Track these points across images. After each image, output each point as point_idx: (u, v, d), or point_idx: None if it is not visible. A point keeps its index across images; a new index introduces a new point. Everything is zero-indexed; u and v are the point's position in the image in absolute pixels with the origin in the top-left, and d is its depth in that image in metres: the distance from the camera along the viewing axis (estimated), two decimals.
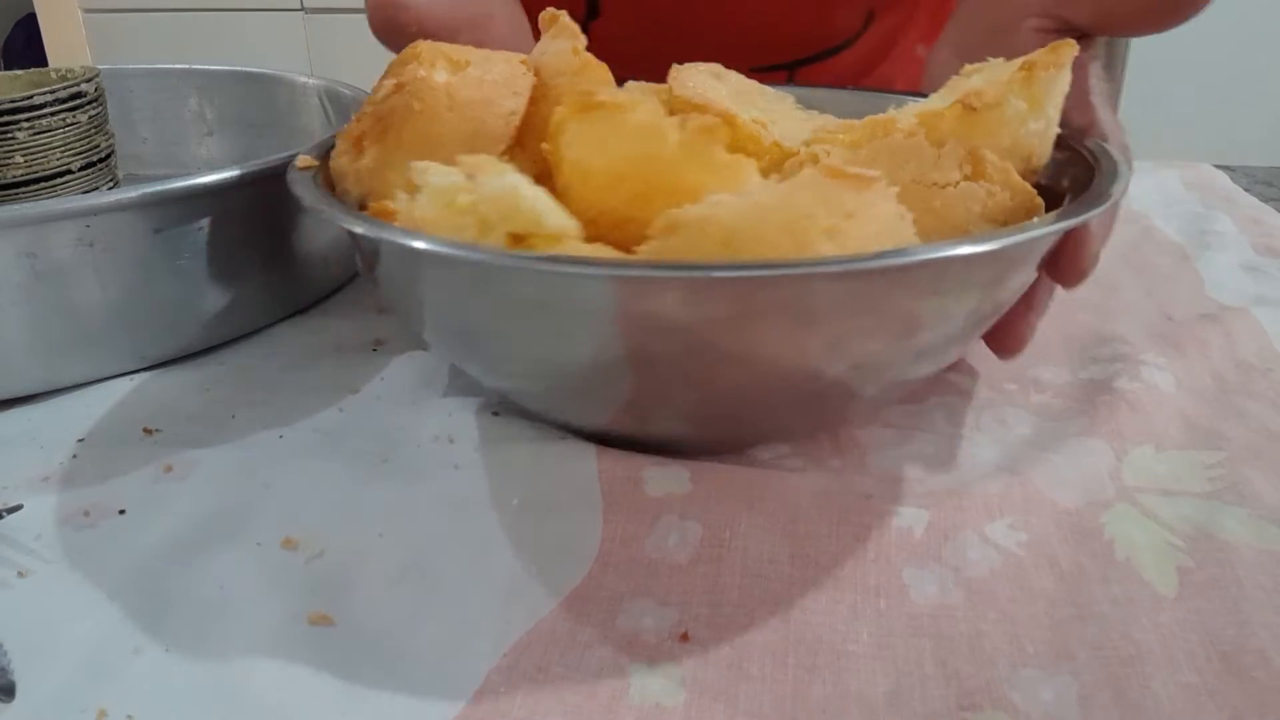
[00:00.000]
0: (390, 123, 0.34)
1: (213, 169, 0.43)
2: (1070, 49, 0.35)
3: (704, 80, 0.40)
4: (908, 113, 0.37)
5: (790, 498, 0.34)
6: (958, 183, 0.33)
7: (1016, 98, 0.35)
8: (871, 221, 0.28)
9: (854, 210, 0.28)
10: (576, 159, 0.31)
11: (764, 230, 0.27)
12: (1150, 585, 0.31)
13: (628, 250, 0.30)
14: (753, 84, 0.43)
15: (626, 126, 0.30)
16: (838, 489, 0.35)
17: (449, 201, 0.30)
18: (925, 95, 0.39)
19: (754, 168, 0.32)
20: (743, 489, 0.35)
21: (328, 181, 0.36)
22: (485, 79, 0.34)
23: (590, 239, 0.31)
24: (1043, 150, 0.36)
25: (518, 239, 0.30)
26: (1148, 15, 0.39)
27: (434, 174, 0.30)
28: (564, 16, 0.37)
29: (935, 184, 0.33)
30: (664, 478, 0.35)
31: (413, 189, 0.31)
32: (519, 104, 0.35)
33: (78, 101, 0.54)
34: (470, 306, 0.32)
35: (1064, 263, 0.35)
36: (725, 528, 0.33)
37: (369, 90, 0.58)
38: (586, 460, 0.37)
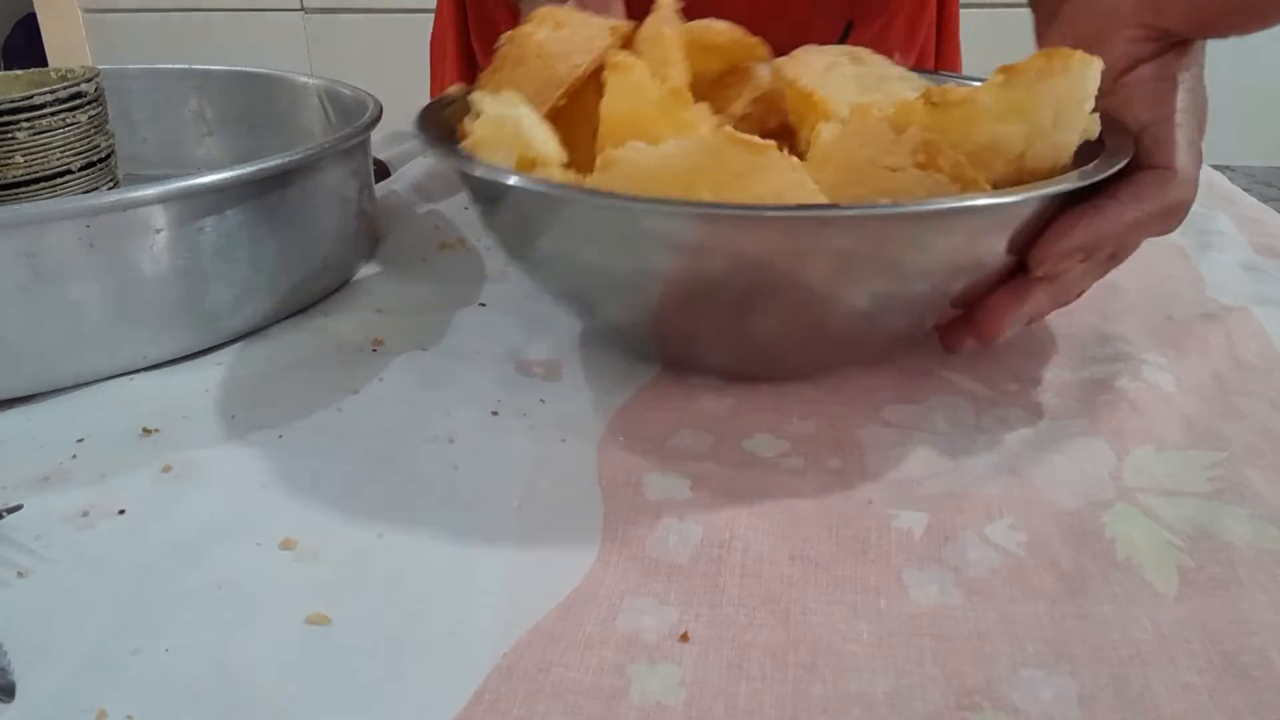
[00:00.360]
0: (499, 65, 0.43)
1: (213, 169, 0.43)
2: (1065, 57, 0.35)
3: (836, 59, 0.45)
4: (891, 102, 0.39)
5: (790, 499, 0.34)
6: (907, 169, 0.35)
7: (989, 99, 0.36)
8: (761, 183, 0.33)
9: (742, 171, 0.33)
10: (601, 108, 0.39)
11: (665, 174, 0.34)
12: (1150, 585, 0.31)
13: None
14: (898, 71, 0.46)
15: (625, 84, 0.38)
16: (837, 490, 0.35)
17: (498, 126, 0.37)
18: None
19: (708, 125, 0.39)
20: (742, 491, 0.35)
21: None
22: (572, 38, 0.42)
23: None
24: (1039, 154, 0.36)
25: (529, 163, 0.37)
26: (1245, 14, 0.37)
27: (488, 104, 0.38)
28: None
29: (886, 167, 0.35)
30: (663, 483, 0.35)
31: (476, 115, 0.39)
32: (585, 59, 0.42)
33: (78, 101, 0.54)
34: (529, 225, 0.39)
35: (1036, 249, 0.36)
36: (725, 528, 0.33)
37: (369, 90, 0.58)
38: (586, 461, 0.37)
